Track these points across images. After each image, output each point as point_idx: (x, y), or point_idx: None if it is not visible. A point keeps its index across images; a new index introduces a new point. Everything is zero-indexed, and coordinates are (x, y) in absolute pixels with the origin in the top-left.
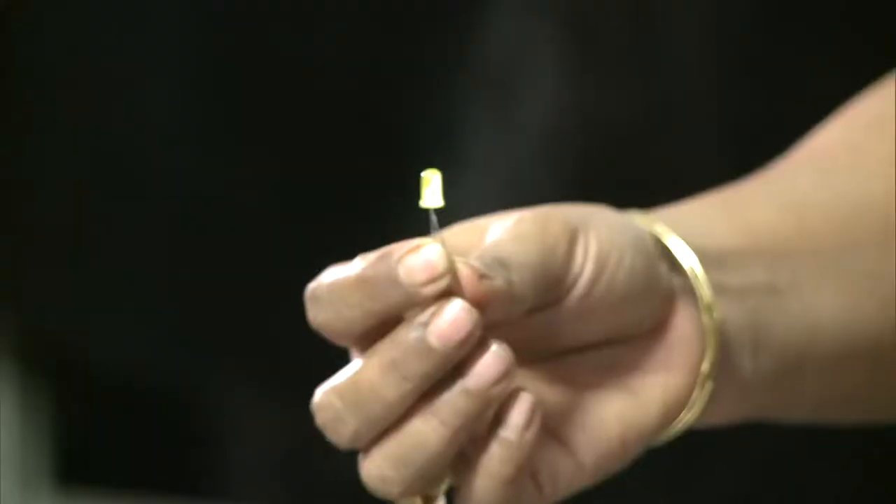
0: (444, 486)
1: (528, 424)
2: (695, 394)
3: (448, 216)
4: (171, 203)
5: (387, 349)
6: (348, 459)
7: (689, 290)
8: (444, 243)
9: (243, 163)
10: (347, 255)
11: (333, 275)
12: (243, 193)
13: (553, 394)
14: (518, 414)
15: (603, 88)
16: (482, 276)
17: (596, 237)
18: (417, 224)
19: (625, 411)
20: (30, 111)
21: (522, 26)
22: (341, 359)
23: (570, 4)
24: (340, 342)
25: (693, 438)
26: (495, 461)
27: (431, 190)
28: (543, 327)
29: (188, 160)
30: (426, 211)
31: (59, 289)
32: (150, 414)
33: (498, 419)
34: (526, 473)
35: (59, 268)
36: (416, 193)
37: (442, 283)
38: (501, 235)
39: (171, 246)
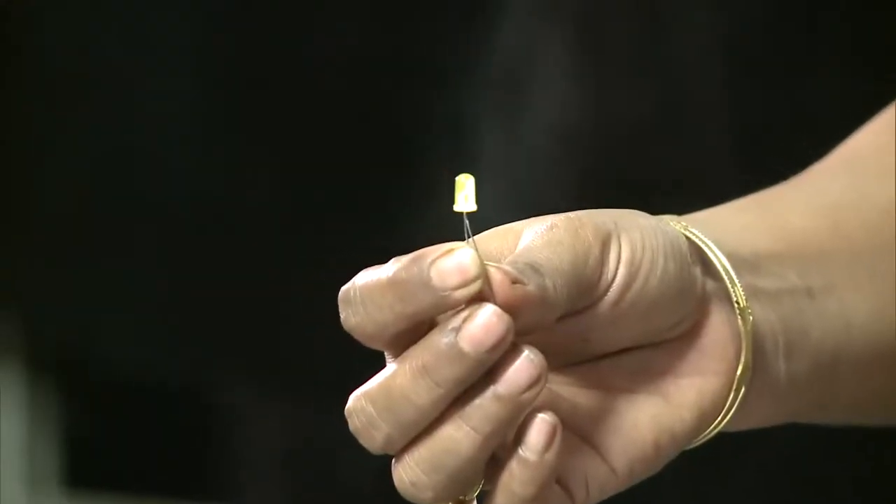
0: (476, 491)
1: (548, 446)
2: (729, 398)
3: (456, 216)
4: (172, 203)
5: (418, 354)
6: (350, 460)
7: (723, 294)
8: (476, 247)
9: (244, 162)
10: (351, 256)
11: (366, 277)
12: (245, 193)
13: (586, 398)
14: (537, 434)
15: (610, 89)
16: (515, 281)
17: (628, 242)
18: (420, 225)
19: (658, 415)
20: (30, 111)
21: (529, 27)
22: (347, 361)
23: (577, 6)
24: (372, 345)
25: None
26: (516, 481)
27: (465, 194)
28: (576, 332)
29: (189, 160)
30: (459, 215)
31: (63, 289)
32: (158, 415)
33: (519, 438)
34: (552, 484)
35: (63, 268)
36: (420, 194)
37: (474, 288)
38: (534, 241)
39: (174, 246)
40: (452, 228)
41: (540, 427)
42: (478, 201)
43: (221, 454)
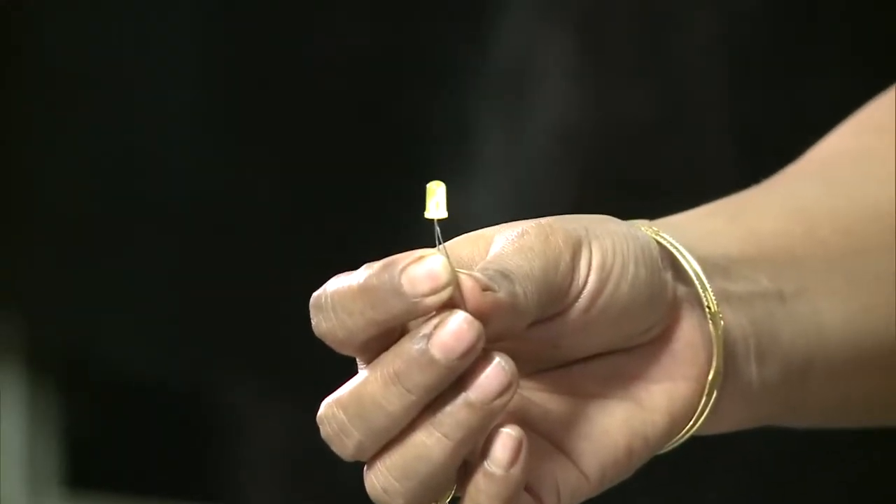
0: (448, 497)
1: (513, 461)
2: (701, 402)
3: (458, 216)
4: (172, 203)
5: (390, 361)
6: (354, 463)
7: (695, 299)
8: (447, 254)
9: (244, 162)
10: (353, 256)
11: (337, 283)
12: (245, 193)
13: (557, 404)
14: (503, 450)
15: (610, 89)
16: (485, 288)
17: (599, 248)
18: (424, 226)
19: (630, 420)
20: (30, 111)
21: (530, 27)
22: (348, 361)
23: (577, 6)
24: (343, 351)
25: (695, 438)
26: (482, 495)
27: (436, 201)
28: (547, 338)
29: (189, 160)
30: (430, 221)
31: (63, 290)
32: (158, 415)
33: (485, 452)
34: (519, 497)
35: (63, 268)
36: (420, 194)
37: (444, 295)
38: (504, 247)
39: (174, 246)
40: (453, 229)
41: (505, 442)
42: (478, 201)
43: (222, 455)
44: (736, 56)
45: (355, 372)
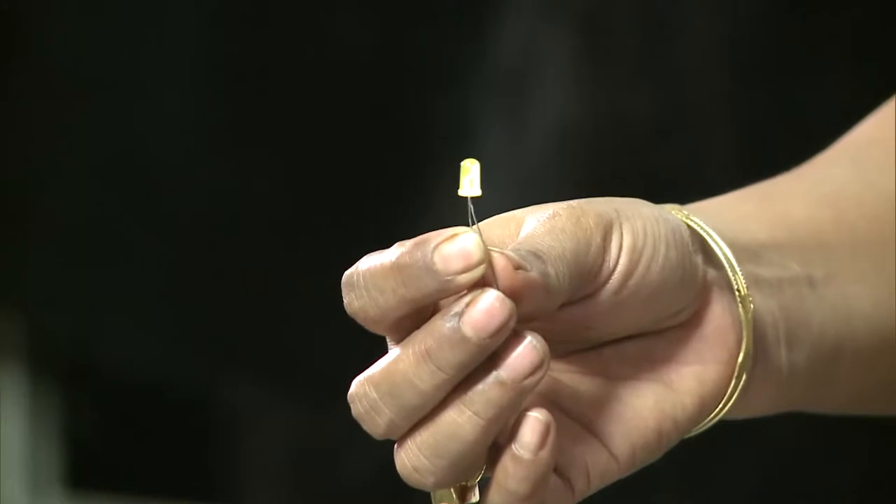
0: (478, 477)
1: (541, 444)
2: (730, 386)
3: (457, 217)
4: (172, 203)
5: (421, 339)
6: (351, 461)
7: (725, 283)
8: (480, 233)
9: (244, 163)
10: (352, 257)
11: (369, 261)
12: (245, 193)
13: (588, 385)
14: (531, 433)
15: (612, 90)
16: (517, 267)
17: (630, 230)
18: (426, 224)
19: (660, 402)
20: (30, 111)
21: (531, 28)
22: (347, 361)
23: (578, 7)
24: (375, 330)
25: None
26: (511, 479)
27: (470, 179)
28: (578, 320)
29: (189, 160)
30: (464, 199)
31: (64, 290)
32: (159, 416)
33: (513, 436)
34: (548, 480)
35: (64, 269)
36: (422, 194)
37: (477, 273)
38: (536, 229)
39: (174, 246)
40: (454, 226)
41: (533, 426)
42: (478, 201)
43: (222, 455)
44: (736, 56)
45: (356, 372)
